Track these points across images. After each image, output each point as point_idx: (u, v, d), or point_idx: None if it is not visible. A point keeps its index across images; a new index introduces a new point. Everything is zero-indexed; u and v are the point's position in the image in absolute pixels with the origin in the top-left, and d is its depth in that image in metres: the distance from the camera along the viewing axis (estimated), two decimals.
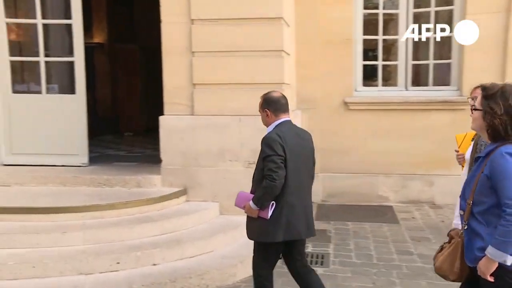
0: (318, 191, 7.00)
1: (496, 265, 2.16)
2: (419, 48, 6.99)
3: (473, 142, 3.22)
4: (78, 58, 5.91)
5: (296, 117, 6.26)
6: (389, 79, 7.24)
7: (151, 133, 9.13)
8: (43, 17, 5.99)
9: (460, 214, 2.33)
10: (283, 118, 3.30)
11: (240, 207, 3.30)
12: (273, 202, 3.16)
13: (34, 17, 5.96)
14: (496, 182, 2.14)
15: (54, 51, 6.49)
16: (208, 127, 5.28)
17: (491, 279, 2.19)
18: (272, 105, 3.30)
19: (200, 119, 5.37)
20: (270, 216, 3.16)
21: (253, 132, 5.25)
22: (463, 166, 3.41)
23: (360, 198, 6.87)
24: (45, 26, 6.07)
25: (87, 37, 7.05)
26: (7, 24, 5.99)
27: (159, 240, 4.52)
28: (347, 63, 6.94)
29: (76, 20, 5.87)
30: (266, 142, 3.18)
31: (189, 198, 5.39)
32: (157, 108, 6.17)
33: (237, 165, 5.33)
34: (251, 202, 3.18)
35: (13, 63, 6.11)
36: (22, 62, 6.44)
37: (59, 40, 6.68)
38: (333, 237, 5.47)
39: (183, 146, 5.40)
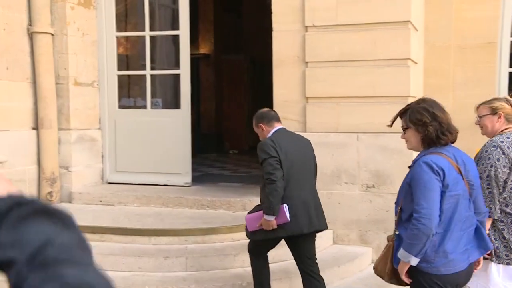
0: None
1: (408, 265, 2.60)
2: None
3: None
4: (184, 71, 6.20)
5: None
6: None
7: None
8: (151, 29, 6.42)
9: (395, 220, 2.75)
10: (277, 126, 3.83)
11: (255, 228, 3.70)
12: (285, 204, 3.59)
13: (142, 30, 6.41)
14: (412, 190, 2.57)
15: (160, 64, 6.92)
16: (321, 145, 5.22)
17: (406, 279, 2.66)
18: (264, 118, 3.85)
19: (313, 136, 5.25)
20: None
21: (373, 152, 5.17)
22: None
23: None
24: (152, 38, 6.50)
25: (193, 48, 7.42)
26: (117, 37, 6.52)
27: None
28: (488, 70, 6.55)
29: (183, 31, 6.18)
30: (260, 147, 3.65)
31: None
32: None
33: (354, 188, 5.26)
34: (264, 216, 3.59)
35: (120, 78, 6.60)
36: (128, 76, 6.94)
37: (165, 52, 7.11)
38: None
39: None
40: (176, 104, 6.45)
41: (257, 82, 12.11)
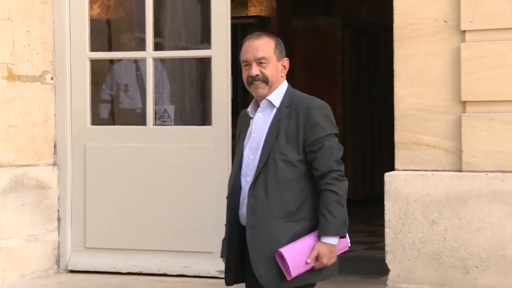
0: None
1: None
2: None
3: None
4: (219, 51, 6.19)
5: None
6: None
7: (375, 204, 9.17)
8: None
9: None
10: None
11: (305, 268, 3.83)
12: None
13: None
14: None
15: (172, 39, 6.94)
16: (495, 198, 5.35)
17: None
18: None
19: (477, 180, 5.45)
20: None
21: None
22: None
23: None
24: None
25: (237, 9, 7.30)
26: None
27: None
28: None
29: None
30: (325, 113, 3.96)
31: None
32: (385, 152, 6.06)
33: None
34: (329, 239, 3.88)
35: (95, 65, 6.64)
36: (110, 61, 7.01)
37: (182, 17, 7.01)
38: None
39: (439, 239, 5.44)
40: (203, 117, 6.58)
41: (363, 69, 12.00)
